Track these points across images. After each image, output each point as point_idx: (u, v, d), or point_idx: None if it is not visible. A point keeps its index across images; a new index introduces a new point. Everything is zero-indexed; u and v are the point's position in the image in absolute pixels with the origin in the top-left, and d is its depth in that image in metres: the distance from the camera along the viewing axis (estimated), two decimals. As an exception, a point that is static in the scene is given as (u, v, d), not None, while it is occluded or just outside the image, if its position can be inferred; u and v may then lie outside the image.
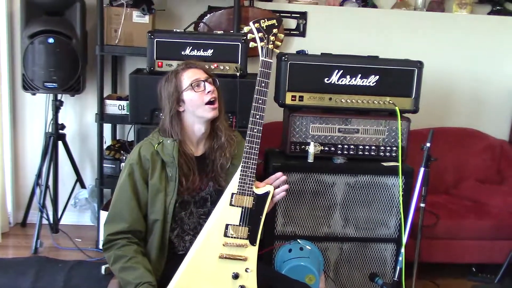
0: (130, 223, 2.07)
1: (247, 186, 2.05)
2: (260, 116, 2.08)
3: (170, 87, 2.16)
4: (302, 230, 2.84)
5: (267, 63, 2.09)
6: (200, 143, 2.22)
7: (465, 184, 3.71)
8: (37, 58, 3.33)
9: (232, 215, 2.05)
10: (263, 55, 2.09)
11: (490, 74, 3.99)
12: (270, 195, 2.09)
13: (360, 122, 2.84)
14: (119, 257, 2.02)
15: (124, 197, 2.09)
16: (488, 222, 3.30)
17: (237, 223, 2.05)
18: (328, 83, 2.81)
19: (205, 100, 2.12)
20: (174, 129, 2.15)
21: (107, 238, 2.07)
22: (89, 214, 3.79)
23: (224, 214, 2.05)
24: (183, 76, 2.16)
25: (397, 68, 2.84)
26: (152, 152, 2.11)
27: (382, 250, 2.89)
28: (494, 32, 3.92)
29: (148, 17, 3.42)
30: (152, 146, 2.13)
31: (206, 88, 2.13)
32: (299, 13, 3.80)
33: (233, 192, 2.06)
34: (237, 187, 2.05)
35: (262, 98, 2.08)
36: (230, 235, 2.03)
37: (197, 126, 2.17)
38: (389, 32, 3.85)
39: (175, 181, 2.10)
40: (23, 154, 3.87)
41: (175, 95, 2.14)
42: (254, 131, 2.07)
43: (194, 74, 2.16)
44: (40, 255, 3.39)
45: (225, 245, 2.03)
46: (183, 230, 2.17)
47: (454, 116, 4.01)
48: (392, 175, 2.80)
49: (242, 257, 2.03)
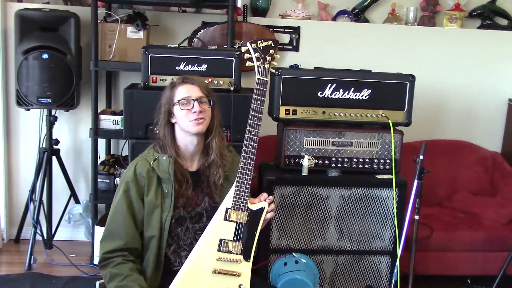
0: (126, 241, 2.06)
1: (242, 201, 2.07)
2: (256, 132, 2.12)
3: (164, 98, 2.19)
4: (297, 243, 2.84)
5: (263, 82, 2.14)
6: (195, 158, 2.23)
7: (458, 196, 3.73)
8: (31, 74, 3.33)
9: (227, 230, 2.06)
10: (259, 74, 2.14)
11: (481, 86, 4.03)
12: (264, 211, 2.10)
13: (353, 135, 2.86)
14: (115, 275, 2.01)
15: (120, 214, 2.09)
16: (482, 234, 3.31)
17: (231, 238, 2.05)
18: (321, 97, 2.83)
19: (190, 118, 2.12)
20: (167, 140, 2.16)
21: (103, 256, 2.06)
22: (83, 230, 3.76)
23: (219, 229, 2.06)
24: (177, 90, 2.17)
25: (390, 82, 2.87)
26: (148, 169, 2.12)
27: (377, 262, 2.89)
28: (485, 45, 3.98)
29: (142, 33, 3.44)
30: (148, 162, 2.13)
31: (194, 108, 2.12)
32: (292, 28, 3.84)
33: (228, 207, 2.07)
34: (231, 202, 2.07)
35: (257, 115, 2.13)
36: (224, 250, 2.04)
37: (189, 139, 2.18)
38: (381, 46, 3.89)
39: (171, 197, 2.10)
40: (17, 170, 3.86)
41: (166, 106, 2.17)
42: (249, 147, 2.10)
43: (187, 91, 2.16)
44: (34, 271, 3.36)
45: (218, 259, 2.03)
46: (179, 246, 2.17)
47: (446, 128, 4.04)
48: (386, 187, 2.82)
49: (236, 272, 2.03)
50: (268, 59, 2.15)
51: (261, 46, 2.15)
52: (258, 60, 2.14)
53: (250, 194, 2.10)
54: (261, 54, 2.15)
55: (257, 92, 2.14)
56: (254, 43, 2.15)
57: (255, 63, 2.15)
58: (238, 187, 2.08)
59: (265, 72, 2.14)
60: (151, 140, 2.29)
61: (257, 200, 2.14)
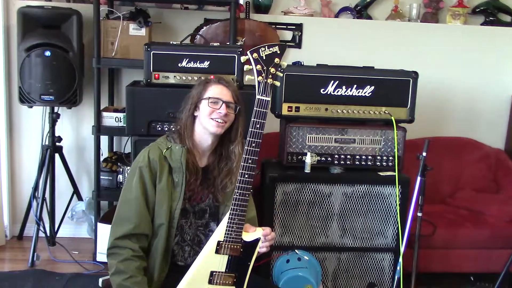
0: (136, 225, 2.06)
1: (235, 233, 2.00)
2: (253, 160, 1.95)
3: (195, 91, 2.20)
4: (300, 240, 2.84)
5: (264, 102, 1.90)
6: (205, 155, 2.23)
7: (461, 193, 3.72)
8: (33, 71, 3.33)
9: (218, 262, 1.99)
10: (259, 93, 1.88)
11: (485, 83, 4.02)
12: (260, 242, 2.04)
13: (356, 132, 2.86)
14: (120, 271, 2.01)
15: (132, 199, 2.08)
16: (485, 231, 3.30)
17: (223, 270, 1.99)
18: (324, 94, 2.82)
19: (213, 117, 2.12)
20: (187, 131, 2.16)
21: (114, 242, 2.06)
22: (86, 227, 3.77)
23: (209, 261, 1.99)
24: (210, 87, 2.18)
25: (393, 79, 2.86)
26: (160, 156, 2.12)
27: (380, 260, 2.89)
28: (488, 42, 3.96)
29: (144, 30, 3.44)
30: (160, 150, 2.13)
31: (221, 109, 2.12)
32: (294, 25, 3.83)
33: (219, 240, 1.97)
34: (224, 235, 1.99)
35: (256, 141, 1.94)
36: (215, 283, 1.99)
37: (205, 136, 2.17)
38: (384, 43, 3.88)
39: (181, 186, 2.10)
40: (20, 167, 3.86)
41: (195, 99, 2.17)
42: (245, 176, 1.96)
43: (220, 92, 2.16)
44: (37, 268, 3.37)
45: None
46: (183, 239, 2.17)
47: (450, 125, 4.03)
48: (389, 184, 2.81)
49: None
50: (272, 71, 1.87)
51: (264, 55, 1.86)
52: (260, 74, 1.85)
53: (243, 226, 2.01)
54: (264, 66, 1.86)
55: (256, 115, 1.88)
56: (256, 52, 1.86)
57: (255, 78, 1.86)
58: (231, 219, 1.99)
59: (267, 90, 1.86)
60: (154, 137, 2.29)
61: (253, 229, 2.08)
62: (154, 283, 2.07)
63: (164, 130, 2.81)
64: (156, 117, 2.83)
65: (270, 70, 1.87)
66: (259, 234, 2.02)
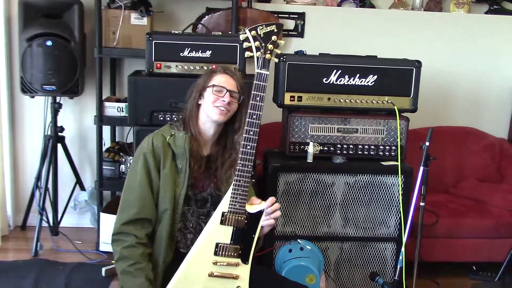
0: (139, 209, 2.07)
1: (239, 204, 2.01)
2: (254, 132, 2.00)
3: (201, 80, 2.22)
4: (302, 230, 2.84)
5: (263, 76, 1.99)
6: (207, 144, 2.23)
7: (465, 183, 3.71)
8: (35, 61, 3.32)
9: (223, 234, 2.00)
10: (258, 67, 1.99)
11: (488, 72, 3.99)
12: (263, 214, 2.04)
13: (359, 122, 2.85)
14: (124, 258, 2.02)
15: (136, 184, 2.09)
16: (488, 220, 3.30)
17: (228, 242, 2.00)
18: (326, 83, 2.81)
19: (216, 104, 2.13)
20: (192, 119, 2.18)
21: (119, 228, 2.07)
22: (89, 216, 3.78)
23: (214, 233, 2.00)
24: (216, 76, 2.20)
25: (396, 68, 2.85)
26: (164, 143, 2.13)
27: (383, 249, 2.89)
28: (492, 31, 3.93)
29: (146, 19, 3.42)
30: (164, 137, 2.15)
31: (224, 97, 2.13)
32: (297, 13, 3.80)
33: (224, 211, 2.00)
34: (228, 206, 2.01)
35: (256, 113, 2.00)
36: (220, 254, 1.99)
37: (208, 124, 2.19)
38: (387, 32, 3.85)
39: (184, 172, 2.11)
40: (22, 157, 3.87)
41: (200, 87, 2.20)
42: (247, 148, 2.01)
43: (225, 81, 2.18)
44: (40, 257, 3.38)
45: (215, 263, 2.00)
46: (186, 227, 2.18)
47: (453, 115, 4.02)
48: (392, 174, 2.80)
49: (233, 275, 2.00)
50: (270, 47, 1.98)
51: (262, 33, 1.97)
52: (258, 50, 1.97)
53: (247, 196, 2.03)
54: (262, 43, 1.97)
55: (256, 88, 1.97)
56: (254, 29, 1.96)
57: (254, 54, 1.97)
58: (235, 190, 2.01)
59: (265, 64, 1.97)
60: (156, 127, 2.29)
61: (258, 201, 2.09)
62: (159, 268, 2.08)
63: (166, 119, 2.81)
64: (158, 106, 2.83)
65: (268, 47, 1.98)
66: (263, 206, 2.04)
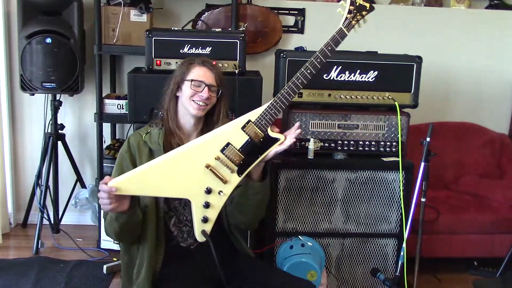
0: None
1: (265, 122, 2.05)
2: (311, 71, 2.09)
3: (178, 71, 2.21)
4: (303, 226, 2.83)
5: (343, 33, 2.14)
6: (192, 136, 2.22)
7: (465, 179, 3.71)
8: (35, 59, 3.32)
9: (238, 138, 2.04)
10: (344, 24, 2.14)
11: (489, 68, 3.99)
12: (278, 142, 2.07)
13: (359, 118, 2.84)
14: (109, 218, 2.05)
15: None
16: (489, 216, 3.30)
17: (237, 147, 2.03)
18: (327, 79, 2.80)
19: (194, 99, 2.13)
20: (171, 113, 2.18)
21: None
22: (89, 214, 3.78)
23: (231, 133, 2.04)
24: (194, 69, 2.18)
25: (396, 64, 2.84)
26: (139, 141, 2.15)
27: (384, 245, 2.89)
28: (492, 26, 3.92)
29: (145, 16, 3.41)
30: (140, 136, 2.17)
31: (203, 92, 2.13)
32: (297, 9, 3.79)
33: (250, 120, 2.05)
34: (256, 117, 2.05)
35: (321, 57, 2.10)
36: (225, 154, 2.02)
37: (187, 117, 2.19)
38: (388, 27, 3.84)
39: None
40: (23, 155, 3.87)
41: (178, 79, 2.18)
42: (299, 80, 2.08)
43: (203, 74, 2.16)
44: (41, 255, 3.39)
45: (217, 158, 2.01)
46: (180, 220, 2.17)
47: (454, 110, 4.01)
48: (393, 170, 2.80)
49: (225, 178, 2.01)
50: (358, 17, 2.16)
51: (358, 3, 2.15)
52: (350, 13, 2.15)
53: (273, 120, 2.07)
54: (355, 10, 2.15)
55: (332, 39, 2.12)
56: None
57: (345, 14, 2.15)
58: (269, 109, 2.05)
59: (349, 26, 2.14)
60: None
61: (277, 130, 2.11)
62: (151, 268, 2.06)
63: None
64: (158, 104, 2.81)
65: (357, 16, 2.16)
66: (282, 138, 2.08)
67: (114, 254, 3.35)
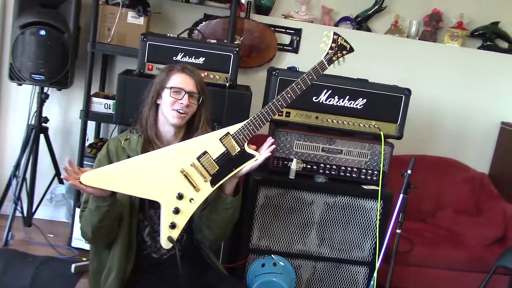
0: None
1: (242, 136, 2.08)
2: (290, 96, 2.16)
3: (158, 78, 2.18)
4: (277, 245, 2.83)
5: (323, 65, 2.26)
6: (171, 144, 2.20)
7: (443, 214, 3.73)
8: (26, 49, 3.29)
9: (215, 148, 2.06)
10: (325, 58, 2.27)
11: (476, 106, 4.04)
12: (253, 159, 2.10)
13: (344, 143, 2.85)
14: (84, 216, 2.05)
15: None
16: (463, 253, 3.32)
17: (213, 157, 2.05)
18: (316, 102, 2.82)
19: (174, 107, 2.10)
20: (150, 120, 2.15)
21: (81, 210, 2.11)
22: (64, 211, 3.73)
23: (209, 142, 2.06)
24: (173, 76, 2.14)
25: (385, 94, 2.87)
26: (118, 146, 2.14)
27: (355, 272, 2.89)
28: (483, 66, 3.98)
29: (143, 19, 3.41)
30: (120, 142, 2.15)
31: (183, 100, 2.10)
32: (294, 29, 3.82)
33: (229, 132, 2.08)
34: (235, 131, 2.08)
35: (301, 85, 2.18)
36: (201, 162, 2.03)
37: (167, 126, 2.16)
38: (381, 56, 3.88)
39: None
40: (3, 144, 3.82)
41: (157, 86, 2.15)
42: (279, 103, 2.15)
43: (183, 81, 2.13)
44: (10, 248, 3.33)
45: (192, 165, 2.01)
46: (154, 230, 2.15)
47: (437, 145, 4.05)
48: (371, 198, 2.81)
49: (197, 186, 2.01)
50: (338, 55, 2.31)
51: (340, 43, 2.30)
52: (332, 49, 2.29)
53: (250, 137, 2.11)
54: (336, 48, 2.29)
55: (314, 70, 2.23)
56: (337, 35, 2.31)
57: (327, 49, 2.29)
58: (248, 125, 2.09)
59: (330, 61, 2.28)
60: None
61: (254, 148, 2.14)
62: (120, 276, 2.03)
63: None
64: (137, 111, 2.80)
65: (338, 54, 2.31)
66: (257, 156, 2.13)
67: (84, 253, 3.30)
